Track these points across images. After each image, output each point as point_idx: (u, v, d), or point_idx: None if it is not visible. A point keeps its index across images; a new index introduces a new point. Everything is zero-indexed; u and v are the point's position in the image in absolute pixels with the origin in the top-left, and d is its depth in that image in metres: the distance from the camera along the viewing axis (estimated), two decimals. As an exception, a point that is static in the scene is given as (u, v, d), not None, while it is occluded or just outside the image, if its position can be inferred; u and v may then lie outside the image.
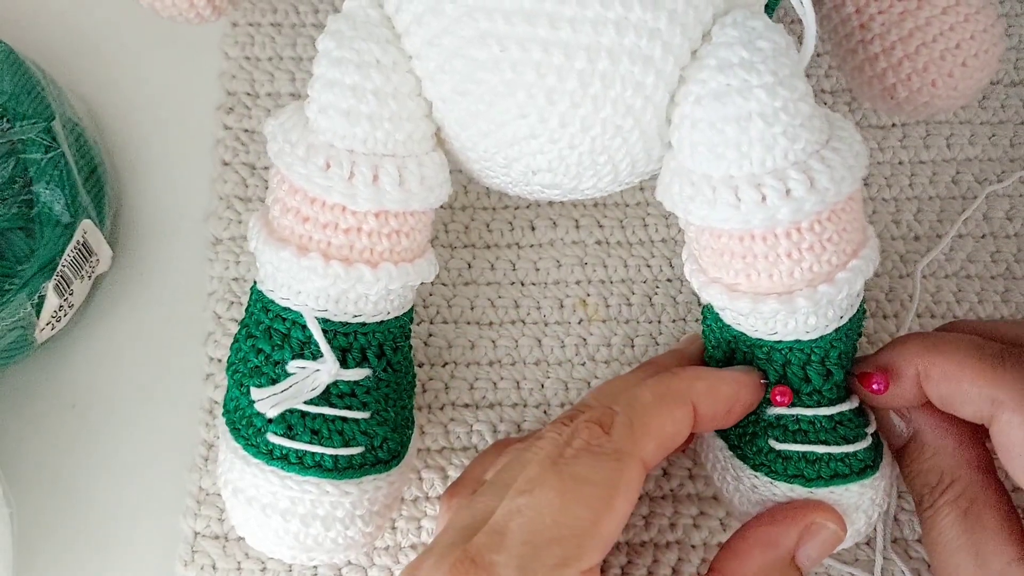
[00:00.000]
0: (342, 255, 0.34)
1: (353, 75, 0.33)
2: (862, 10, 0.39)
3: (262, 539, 0.36)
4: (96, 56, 0.51)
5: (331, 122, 0.33)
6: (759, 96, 0.31)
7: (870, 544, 0.42)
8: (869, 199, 0.48)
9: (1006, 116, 0.50)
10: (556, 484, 0.31)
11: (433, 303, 0.46)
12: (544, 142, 0.33)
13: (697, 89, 0.32)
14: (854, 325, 0.36)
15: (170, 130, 0.50)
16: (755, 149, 0.31)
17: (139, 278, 0.48)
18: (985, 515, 0.35)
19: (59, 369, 0.46)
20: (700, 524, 0.43)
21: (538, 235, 0.48)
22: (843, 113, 0.50)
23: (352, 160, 0.33)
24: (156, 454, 0.44)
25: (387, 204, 0.33)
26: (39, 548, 0.43)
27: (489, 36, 0.31)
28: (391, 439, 0.36)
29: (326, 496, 0.35)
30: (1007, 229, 0.48)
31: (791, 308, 0.33)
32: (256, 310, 0.37)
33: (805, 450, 0.35)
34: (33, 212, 0.43)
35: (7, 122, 0.44)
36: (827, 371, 0.35)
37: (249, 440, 0.35)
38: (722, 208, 0.32)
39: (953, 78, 0.38)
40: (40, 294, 0.42)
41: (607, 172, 0.35)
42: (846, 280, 0.33)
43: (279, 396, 0.35)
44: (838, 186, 0.32)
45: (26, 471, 0.44)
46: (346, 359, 0.36)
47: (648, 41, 0.31)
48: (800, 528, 0.35)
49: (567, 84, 0.31)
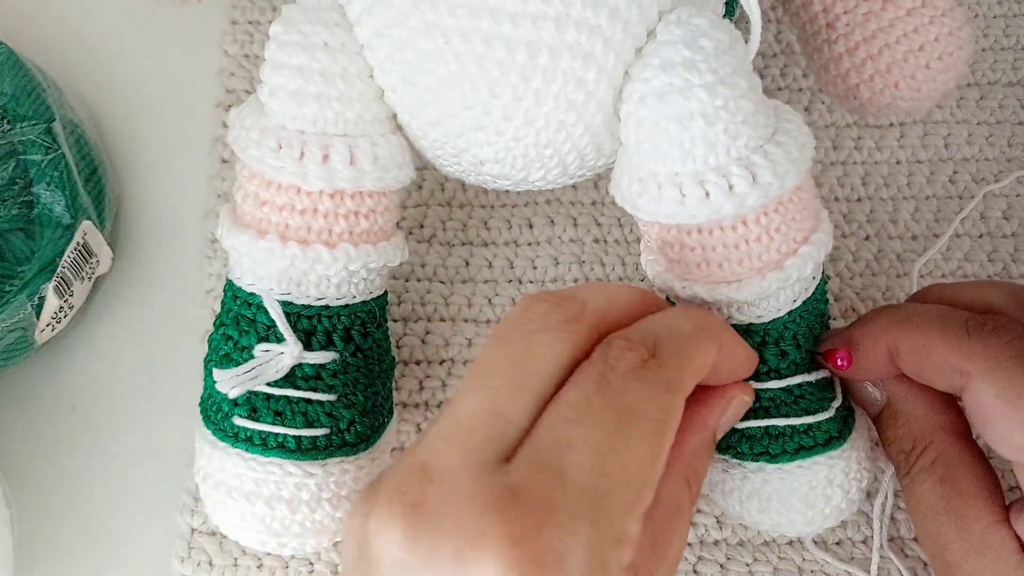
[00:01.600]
0: (299, 236, 0.35)
1: (299, 56, 0.34)
2: (828, 9, 0.39)
3: (231, 524, 0.36)
4: (96, 57, 0.51)
5: (281, 104, 0.34)
6: (700, 96, 0.31)
7: (867, 543, 0.43)
8: (867, 198, 0.49)
9: (1003, 116, 0.50)
10: (610, 416, 0.28)
11: (430, 300, 0.47)
12: (490, 134, 0.34)
13: (641, 88, 0.32)
14: (810, 306, 0.36)
15: (170, 130, 0.50)
16: (697, 147, 0.32)
17: (139, 279, 0.48)
18: (962, 479, 0.35)
19: (59, 370, 0.46)
20: (696, 522, 0.43)
21: (536, 233, 0.48)
22: (841, 111, 0.50)
23: (303, 140, 0.34)
24: (156, 454, 0.44)
25: (339, 183, 0.34)
26: (39, 547, 0.43)
27: (434, 28, 0.32)
28: (359, 423, 0.37)
29: (289, 477, 0.35)
30: (1004, 229, 0.48)
31: (740, 296, 0.34)
32: (227, 299, 0.37)
33: (767, 425, 0.36)
34: (33, 213, 0.43)
35: (7, 123, 0.44)
36: (782, 352, 0.35)
37: (218, 425, 0.36)
38: (668, 204, 0.33)
39: (916, 80, 0.38)
40: (40, 295, 0.42)
41: (555, 165, 0.35)
42: (795, 266, 0.34)
43: (241, 377, 0.35)
44: (781, 180, 0.32)
45: (26, 471, 0.44)
46: (311, 342, 0.36)
47: (588, 37, 0.31)
48: (724, 407, 0.35)
49: (509, 78, 0.32)
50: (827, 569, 0.42)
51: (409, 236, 0.48)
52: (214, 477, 0.36)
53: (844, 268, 0.47)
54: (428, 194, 0.48)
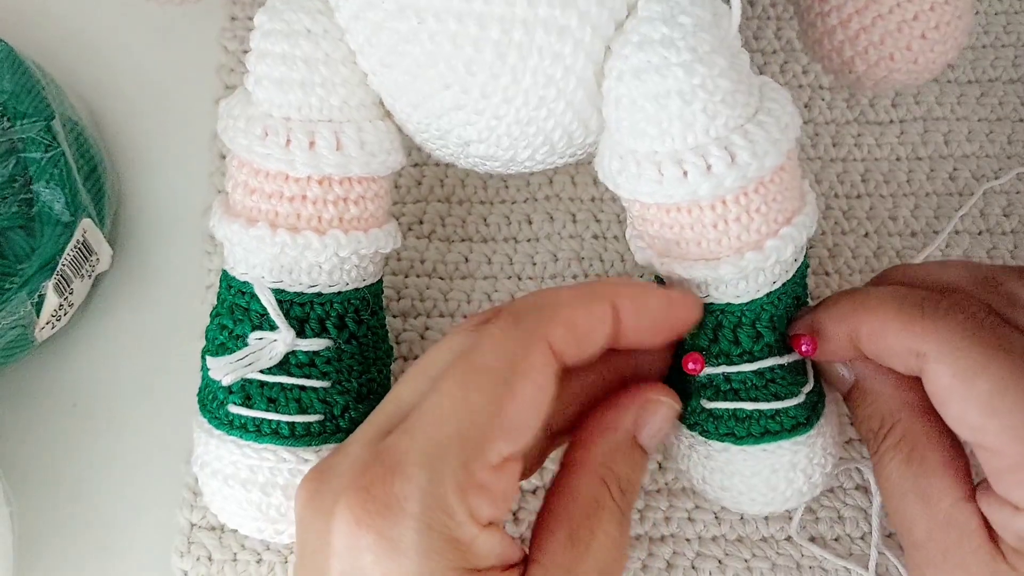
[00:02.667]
0: (289, 224, 0.35)
1: (282, 44, 0.34)
2: None
3: (228, 512, 0.37)
4: (95, 54, 0.51)
5: (266, 92, 0.34)
6: (676, 74, 0.31)
7: (864, 539, 0.43)
8: (867, 195, 0.49)
9: (1004, 113, 0.50)
10: (459, 376, 0.31)
11: (430, 296, 0.47)
12: (470, 113, 0.34)
13: (619, 65, 0.32)
14: (788, 289, 0.35)
15: (170, 127, 0.50)
16: (675, 126, 0.32)
17: (139, 276, 0.48)
18: (928, 457, 0.35)
19: (59, 368, 0.46)
20: (695, 518, 0.43)
21: (535, 229, 0.48)
22: (841, 108, 0.50)
23: (288, 127, 0.34)
24: (156, 450, 0.45)
25: (325, 169, 0.34)
26: (39, 544, 0.43)
27: (408, 8, 0.32)
28: (354, 409, 0.37)
29: (284, 463, 0.35)
30: (1004, 225, 0.48)
31: (717, 275, 0.34)
32: (222, 289, 0.37)
33: (734, 407, 0.36)
34: (33, 211, 0.44)
35: (7, 121, 0.44)
36: (757, 333, 0.35)
37: (213, 413, 0.36)
38: (646, 183, 0.33)
39: (912, 51, 0.38)
40: (40, 293, 0.42)
41: (541, 143, 0.35)
42: (775, 248, 0.33)
43: (234, 364, 0.35)
44: (760, 161, 0.32)
45: (27, 469, 0.44)
46: (304, 329, 0.36)
47: (562, 11, 0.31)
48: (636, 408, 0.35)
49: (484, 55, 0.32)
50: (825, 565, 0.42)
51: (408, 232, 0.48)
52: (211, 465, 0.36)
53: (843, 265, 0.47)
54: (428, 190, 0.48)
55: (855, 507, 0.43)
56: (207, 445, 0.37)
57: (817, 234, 0.47)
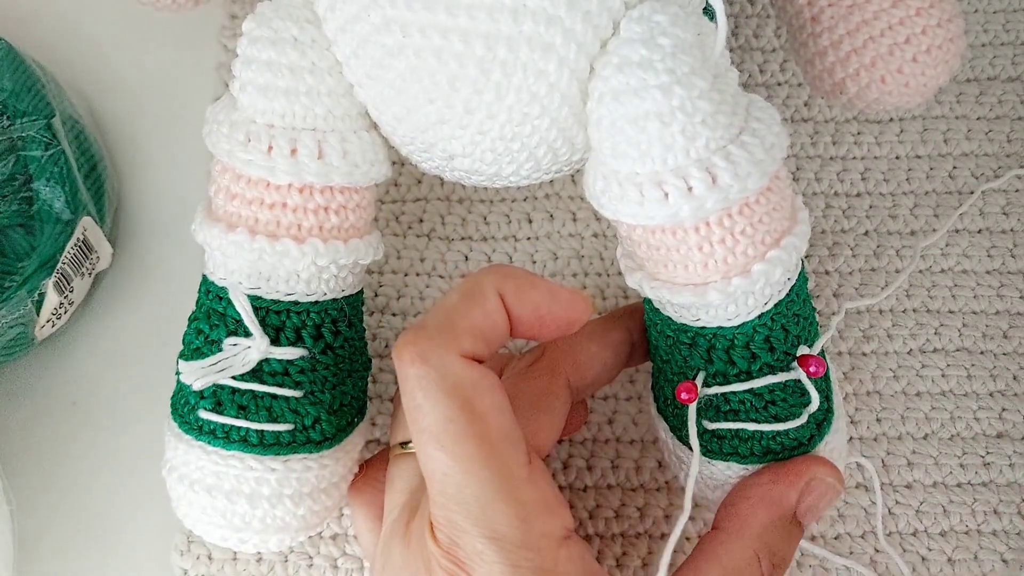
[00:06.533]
0: (268, 230, 0.35)
1: (269, 51, 0.34)
2: (813, 2, 0.38)
3: (193, 518, 0.37)
4: (95, 53, 0.51)
5: (251, 98, 0.34)
6: (655, 96, 0.31)
7: (865, 537, 0.43)
8: (866, 193, 0.49)
9: (1003, 112, 0.50)
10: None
11: (429, 296, 0.47)
12: (454, 128, 0.33)
13: (600, 86, 0.32)
14: (783, 308, 0.35)
15: (170, 126, 0.50)
16: (654, 148, 0.31)
17: (139, 275, 0.48)
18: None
19: (59, 366, 0.46)
20: (695, 517, 0.43)
21: (535, 228, 0.48)
22: (847, 117, 0.50)
23: (271, 134, 0.34)
24: (156, 449, 0.44)
25: (306, 177, 0.34)
26: (40, 542, 0.43)
27: (393, 22, 0.32)
28: (325, 421, 0.37)
29: (250, 472, 0.35)
30: (1003, 224, 0.48)
31: (705, 301, 0.33)
32: (201, 294, 0.37)
33: (736, 428, 0.35)
34: (33, 209, 0.43)
35: (7, 119, 0.44)
36: (752, 354, 0.35)
37: (183, 417, 0.36)
38: (628, 204, 0.32)
39: (903, 74, 0.37)
40: (40, 291, 0.42)
41: (525, 159, 0.35)
42: (763, 272, 0.33)
43: (206, 369, 0.35)
44: (743, 182, 0.32)
45: (27, 467, 0.44)
46: (279, 338, 0.36)
47: (547, 28, 0.31)
48: (801, 486, 0.35)
49: (468, 71, 0.32)
50: (826, 564, 0.42)
51: (408, 231, 0.48)
52: (178, 470, 0.36)
53: (843, 263, 0.47)
54: (427, 189, 0.48)
55: (856, 505, 0.43)
56: (176, 449, 0.36)
57: (817, 233, 0.47)
